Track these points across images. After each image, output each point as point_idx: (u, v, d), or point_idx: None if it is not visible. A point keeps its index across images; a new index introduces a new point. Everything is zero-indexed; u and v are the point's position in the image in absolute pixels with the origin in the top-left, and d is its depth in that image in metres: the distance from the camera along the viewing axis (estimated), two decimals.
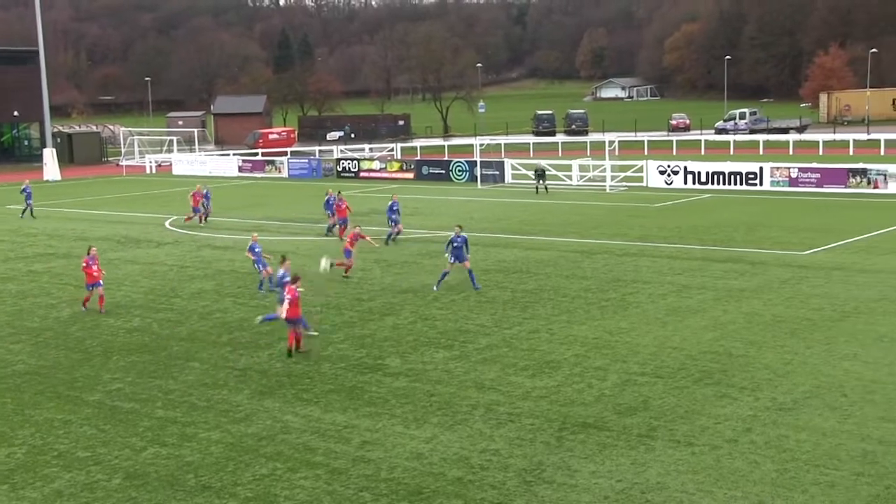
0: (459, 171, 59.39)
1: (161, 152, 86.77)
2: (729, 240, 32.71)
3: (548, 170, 52.38)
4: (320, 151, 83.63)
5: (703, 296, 23.97)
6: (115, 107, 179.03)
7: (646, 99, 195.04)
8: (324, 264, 24.89)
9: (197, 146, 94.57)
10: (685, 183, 50.44)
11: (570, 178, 54.09)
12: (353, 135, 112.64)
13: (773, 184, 47.92)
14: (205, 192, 42.53)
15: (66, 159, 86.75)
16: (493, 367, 18.50)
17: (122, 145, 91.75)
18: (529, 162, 58.16)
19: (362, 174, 63.87)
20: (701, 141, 78.84)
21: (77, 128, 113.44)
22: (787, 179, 47.64)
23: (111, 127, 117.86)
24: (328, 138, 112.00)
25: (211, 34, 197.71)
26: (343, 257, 27.80)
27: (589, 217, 40.14)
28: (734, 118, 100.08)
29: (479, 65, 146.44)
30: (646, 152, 72.74)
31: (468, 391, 17.08)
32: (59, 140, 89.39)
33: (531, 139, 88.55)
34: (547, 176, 51.24)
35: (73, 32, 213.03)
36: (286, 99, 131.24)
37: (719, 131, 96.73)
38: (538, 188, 50.30)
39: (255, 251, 26.12)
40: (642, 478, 13.09)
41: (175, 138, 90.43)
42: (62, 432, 15.73)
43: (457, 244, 25.26)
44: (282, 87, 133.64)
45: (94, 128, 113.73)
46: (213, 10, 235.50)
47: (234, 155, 79.09)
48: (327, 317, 22.70)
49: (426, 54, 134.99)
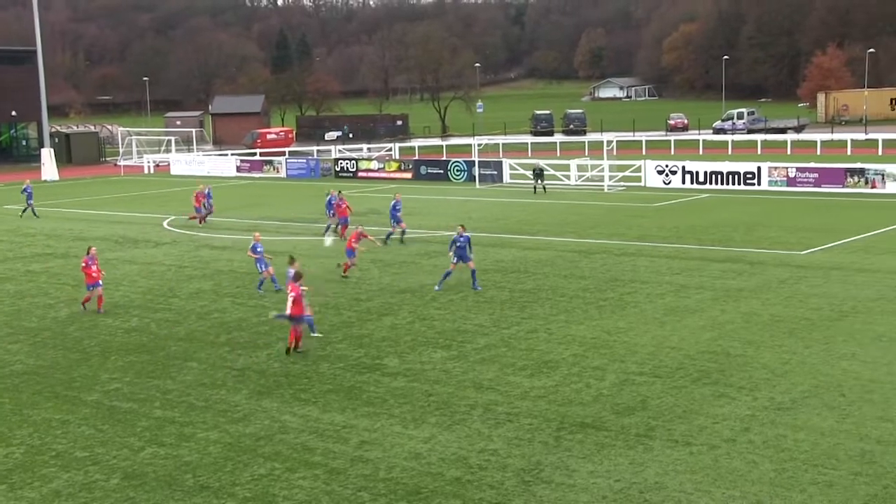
0: (457, 170, 59.41)
1: (159, 152, 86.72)
2: (727, 239, 32.72)
3: (546, 169, 52.40)
4: (318, 151, 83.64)
5: (702, 295, 23.98)
6: (113, 107, 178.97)
7: (644, 99, 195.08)
8: (328, 242, 25.10)
9: (195, 146, 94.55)
10: (683, 183, 50.46)
11: (568, 177, 54.10)
12: (351, 135, 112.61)
13: (771, 184, 47.95)
14: (206, 191, 42.54)
15: (64, 159, 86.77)
16: (491, 366, 18.50)
17: (120, 145, 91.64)
18: (528, 162, 58.14)
19: (360, 174, 63.90)
20: (699, 141, 78.82)
21: (75, 128, 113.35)
22: (785, 179, 47.68)
23: (109, 127, 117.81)
24: (326, 138, 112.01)
25: (209, 34, 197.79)
26: (346, 257, 27.82)
27: (587, 217, 40.15)
28: (732, 118, 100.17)
29: (477, 65, 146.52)
30: (644, 152, 72.74)
31: (466, 391, 17.08)
32: (56, 140, 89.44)
33: (529, 139, 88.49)
34: (545, 176, 51.27)
35: (70, 32, 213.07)
36: (284, 99, 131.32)
37: (717, 131, 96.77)
38: (536, 188, 50.31)
39: (258, 251, 26.16)
40: (640, 477, 13.09)
41: (173, 138, 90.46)
42: (60, 432, 15.72)
43: (460, 244, 25.19)
44: (280, 87, 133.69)
45: (92, 128, 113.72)
46: (211, 11, 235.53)
47: (233, 155, 79.08)
48: (326, 317, 22.69)
49: (424, 54, 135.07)
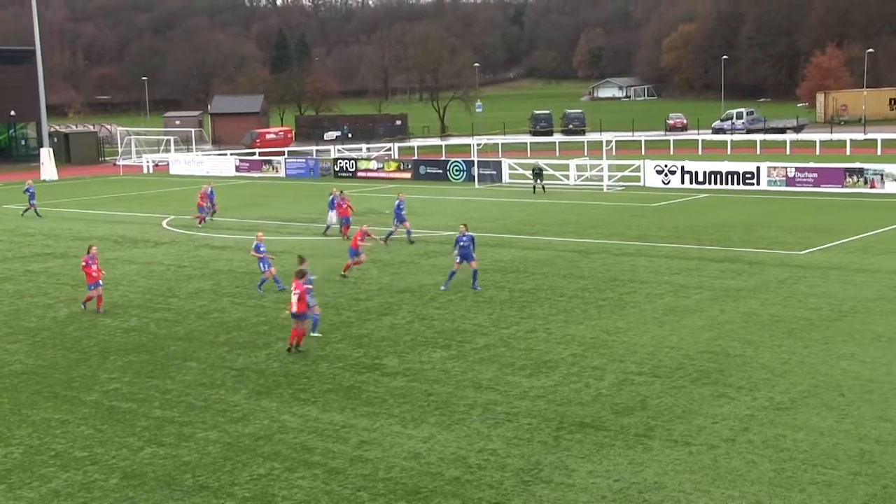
0: (457, 170, 59.40)
1: (158, 152, 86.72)
2: (726, 239, 32.72)
3: (545, 169, 52.41)
4: (317, 151, 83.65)
5: (701, 295, 23.98)
6: (112, 106, 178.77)
7: (643, 99, 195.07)
8: (332, 219, 25.31)
9: (194, 146, 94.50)
10: (682, 183, 50.47)
11: (567, 177, 54.11)
12: (350, 134, 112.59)
13: (770, 183, 47.95)
14: (209, 190, 42.54)
15: (63, 159, 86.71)
16: (490, 366, 18.49)
17: (119, 145, 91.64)
18: (527, 162, 58.13)
19: (360, 174, 63.88)
20: (698, 141, 78.88)
21: (74, 127, 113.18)
22: (784, 179, 47.69)
23: (108, 126, 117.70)
24: (325, 138, 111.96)
25: (207, 34, 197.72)
26: (348, 257, 27.81)
27: (586, 217, 40.15)
28: (731, 118, 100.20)
29: (476, 65, 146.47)
30: (643, 152, 72.69)
31: (466, 391, 17.07)
32: (55, 140, 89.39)
33: (528, 139, 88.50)
34: (544, 175, 51.28)
35: (69, 32, 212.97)
36: (283, 99, 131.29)
37: (716, 131, 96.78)
38: (535, 188, 50.32)
39: (261, 250, 26.19)
40: (640, 477, 13.09)
41: (172, 138, 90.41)
42: (59, 432, 15.71)
43: (463, 243, 25.09)
44: (279, 86, 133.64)
45: (91, 127, 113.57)
46: (209, 10, 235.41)
47: (232, 155, 79.05)
48: (325, 317, 22.67)
49: (423, 54, 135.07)
